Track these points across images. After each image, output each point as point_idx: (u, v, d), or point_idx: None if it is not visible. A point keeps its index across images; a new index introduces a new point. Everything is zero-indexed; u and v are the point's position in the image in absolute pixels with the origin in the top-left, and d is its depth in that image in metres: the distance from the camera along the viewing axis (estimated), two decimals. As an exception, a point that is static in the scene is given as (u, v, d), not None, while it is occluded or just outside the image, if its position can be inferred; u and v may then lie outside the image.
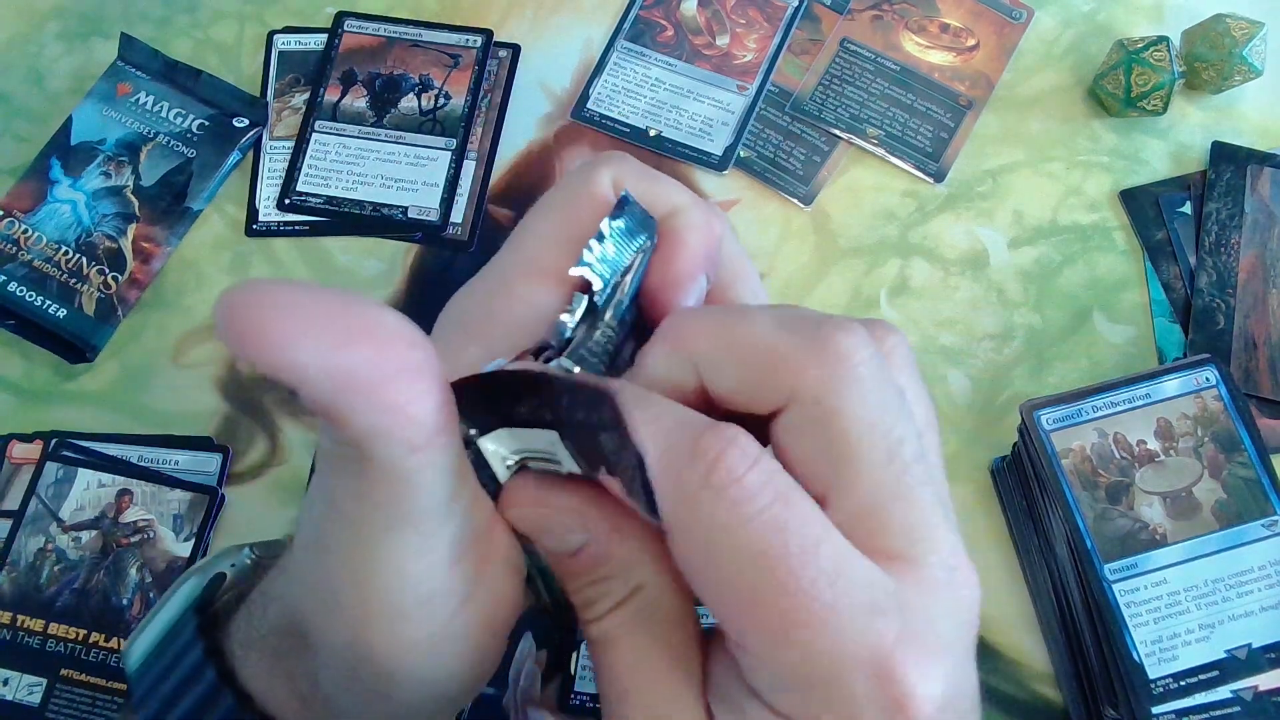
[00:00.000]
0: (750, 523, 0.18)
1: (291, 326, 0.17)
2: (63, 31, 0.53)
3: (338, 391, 0.17)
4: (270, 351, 0.17)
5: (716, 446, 0.19)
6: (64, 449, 0.44)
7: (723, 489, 0.19)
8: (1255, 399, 0.45)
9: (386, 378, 0.18)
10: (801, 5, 0.53)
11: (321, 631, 0.23)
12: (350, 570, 0.21)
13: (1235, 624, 0.40)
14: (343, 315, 0.18)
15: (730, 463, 0.19)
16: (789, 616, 0.18)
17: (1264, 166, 0.49)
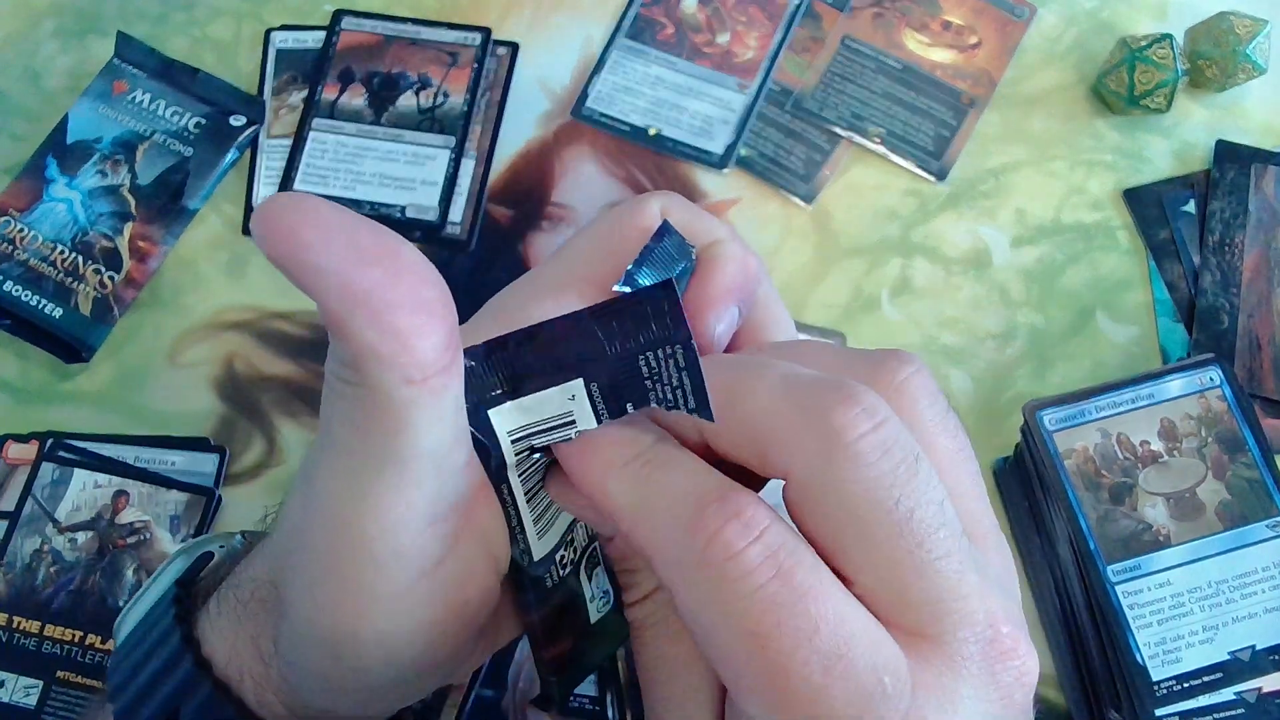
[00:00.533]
0: (744, 600, 0.18)
1: (321, 235, 0.18)
2: (59, 29, 0.53)
3: (348, 305, 0.18)
4: (296, 252, 0.19)
5: (718, 521, 0.19)
6: (60, 449, 0.44)
7: (718, 564, 0.18)
8: (1259, 399, 0.45)
9: (395, 304, 0.19)
10: (802, 3, 0.53)
11: (292, 572, 0.23)
12: (331, 504, 0.21)
13: (1239, 626, 0.40)
14: (370, 239, 0.19)
15: (728, 537, 0.18)
16: (777, 695, 0.18)
17: (1268, 165, 0.49)
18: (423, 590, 0.22)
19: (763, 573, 0.18)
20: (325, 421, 0.21)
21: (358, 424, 0.20)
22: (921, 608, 0.19)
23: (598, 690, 0.40)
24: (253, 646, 0.25)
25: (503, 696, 0.41)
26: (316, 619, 0.22)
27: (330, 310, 0.19)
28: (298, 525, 0.22)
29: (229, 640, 0.25)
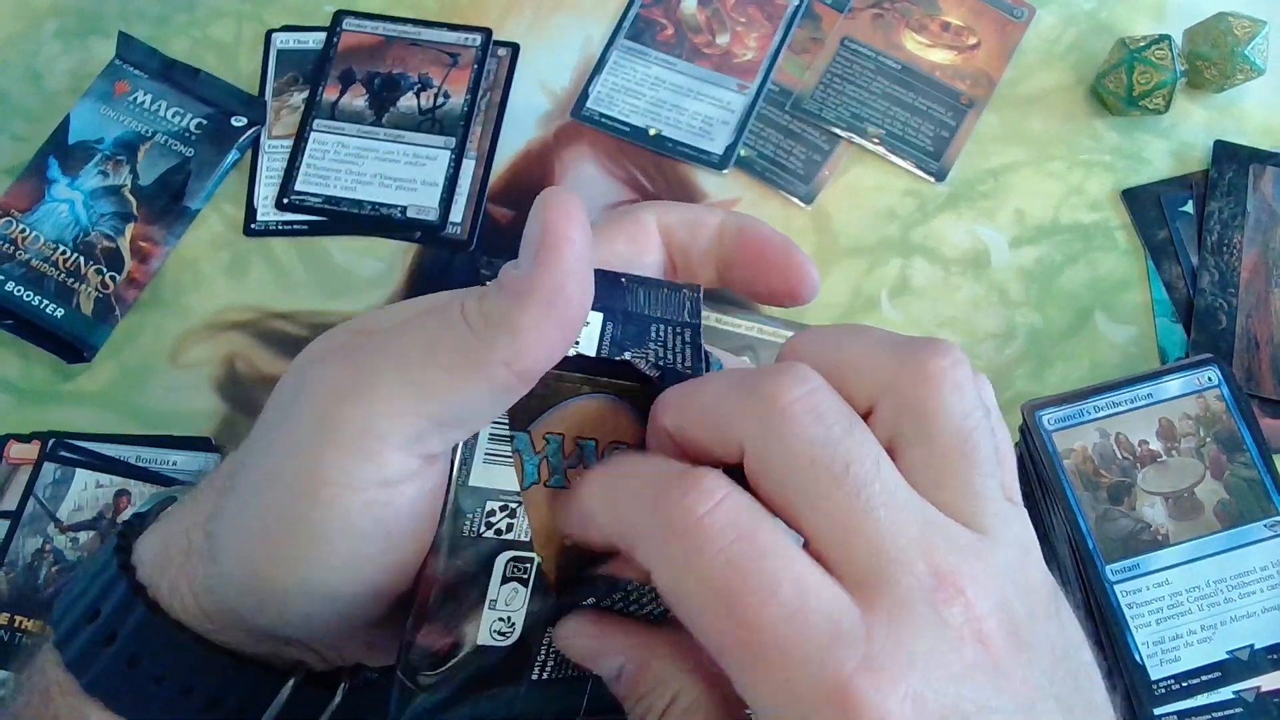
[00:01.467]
0: (709, 562, 0.20)
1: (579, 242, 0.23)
2: (60, 30, 0.53)
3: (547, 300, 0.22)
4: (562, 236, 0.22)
5: (679, 493, 0.20)
6: (61, 449, 0.44)
7: (684, 531, 0.20)
8: (1257, 399, 0.45)
9: (568, 320, 0.22)
10: (802, 4, 0.53)
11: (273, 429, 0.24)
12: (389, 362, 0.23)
13: (1237, 625, 0.40)
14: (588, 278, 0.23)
15: (689, 503, 0.20)
16: (751, 650, 0.20)
17: (1266, 165, 0.49)
18: (390, 498, 0.23)
19: (725, 535, 0.20)
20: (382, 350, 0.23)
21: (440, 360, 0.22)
22: (865, 559, 0.20)
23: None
24: (184, 538, 0.26)
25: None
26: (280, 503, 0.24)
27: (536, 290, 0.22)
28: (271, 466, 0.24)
29: (159, 539, 0.27)
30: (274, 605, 0.24)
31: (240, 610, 0.25)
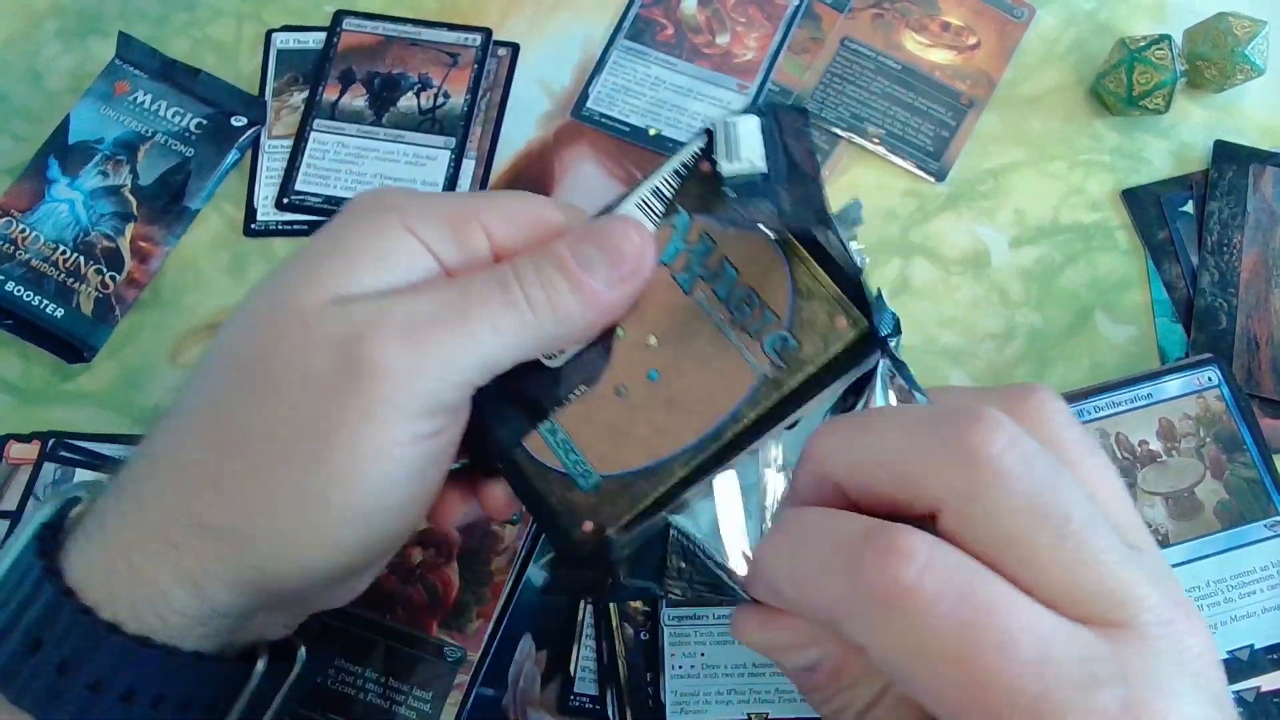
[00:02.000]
0: (936, 632, 0.18)
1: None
2: (60, 30, 0.53)
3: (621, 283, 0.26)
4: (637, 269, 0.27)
5: (877, 561, 0.19)
6: (61, 449, 0.44)
7: (898, 601, 0.19)
8: (1257, 399, 0.45)
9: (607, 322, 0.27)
10: (802, 4, 0.53)
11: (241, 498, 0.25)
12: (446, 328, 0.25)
13: (1237, 625, 0.40)
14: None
15: (895, 570, 0.19)
16: (1000, 709, 0.18)
17: (1266, 165, 0.49)
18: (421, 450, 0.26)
19: (946, 599, 0.18)
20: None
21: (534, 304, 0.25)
22: (1101, 600, 0.19)
23: (598, 689, 0.41)
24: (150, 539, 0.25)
25: (503, 696, 0.41)
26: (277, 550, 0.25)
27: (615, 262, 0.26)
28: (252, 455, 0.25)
29: (114, 550, 0.26)
30: (313, 569, 0.25)
31: (269, 585, 0.25)
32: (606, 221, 0.27)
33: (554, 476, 0.27)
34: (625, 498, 0.27)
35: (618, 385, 0.27)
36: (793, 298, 0.26)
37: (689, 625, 0.41)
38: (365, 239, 0.27)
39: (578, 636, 0.41)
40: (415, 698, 0.40)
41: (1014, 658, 0.18)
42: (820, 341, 0.26)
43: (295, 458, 0.24)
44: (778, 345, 0.26)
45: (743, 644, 0.24)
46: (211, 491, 0.25)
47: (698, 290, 0.27)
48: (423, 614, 0.41)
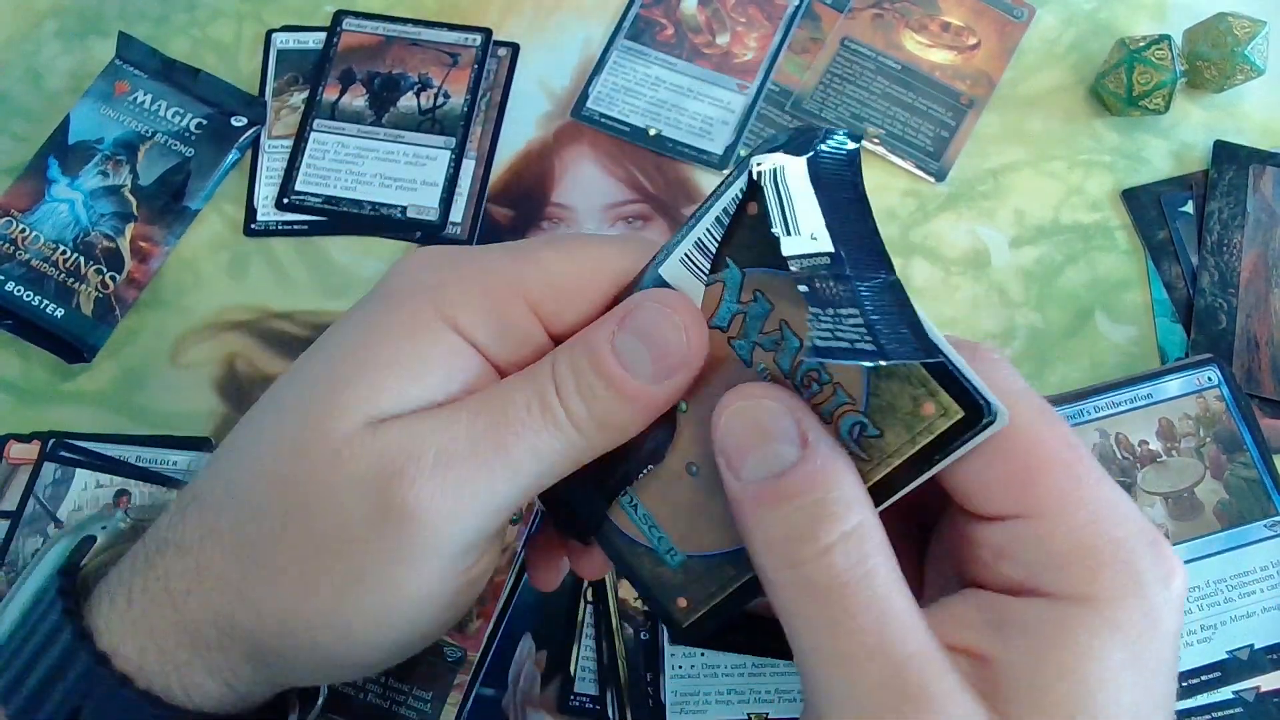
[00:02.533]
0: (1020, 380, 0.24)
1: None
2: (60, 30, 0.53)
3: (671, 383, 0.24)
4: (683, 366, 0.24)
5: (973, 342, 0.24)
6: (62, 449, 0.44)
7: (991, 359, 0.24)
8: (1257, 399, 0.45)
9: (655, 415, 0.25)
10: (802, 4, 0.53)
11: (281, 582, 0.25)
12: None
13: (1237, 625, 0.40)
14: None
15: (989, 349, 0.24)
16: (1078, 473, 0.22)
17: (1266, 165, 0.49)
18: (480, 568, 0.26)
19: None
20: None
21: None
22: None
23: (598, 689, 0.41)
24: (182, 633, 0.25)
25: (503, 696, 0.41)
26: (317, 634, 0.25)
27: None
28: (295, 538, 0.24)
29: (143, 629, 0.25)
30: (346, 674, 0.26)
31: (303, 683, 0.27)
32: (649, 306, 0.24)
33: (642, 551, 0.26)
34: (714, 579, 0.25)
35: (689, 463, 0.25)
36: (867, 376, 0.22)
37: (689, 625, 0.41)
38: (400, 341, 0.25)
39: (578, 636, 0.41)
40: (415, 698, 0.40)
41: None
42: (905, 432, 0.22)
43: (327, 592, 0.24)
44: (855, 432, 0.22)
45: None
46: (243, 608, 0.25)
47: (758, 359, 0.23)
48: (423, 614, 0.41)
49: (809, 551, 0.21)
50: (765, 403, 0.22)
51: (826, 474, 0.22)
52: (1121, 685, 0.21)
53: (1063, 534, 0.21)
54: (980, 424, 0.21)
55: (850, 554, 0.21)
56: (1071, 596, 0.21)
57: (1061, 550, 0.21)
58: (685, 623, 0.26)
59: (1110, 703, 0.20)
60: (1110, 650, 0.21)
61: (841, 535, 0.21)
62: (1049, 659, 0.21)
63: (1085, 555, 0.21)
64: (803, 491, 0.22)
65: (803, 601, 0.21)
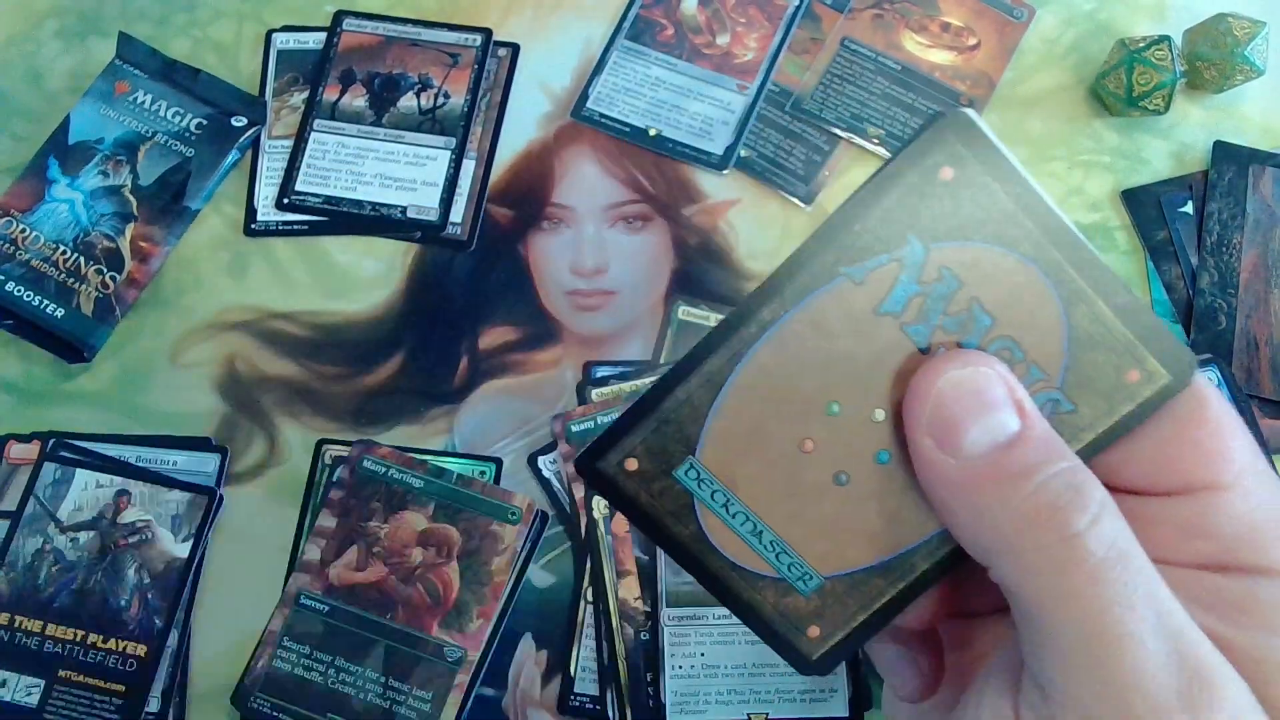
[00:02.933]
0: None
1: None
2: (61, 30, 0.53)
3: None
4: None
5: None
6: (62, 449, 0.44)
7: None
8: (1257, 399, 0.45)
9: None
10: (802, 4, 0.53)
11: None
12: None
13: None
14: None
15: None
16: (1252, 442, 0.21)
17: (1266, 166, 0.49)
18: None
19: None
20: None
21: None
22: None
23: (598, 689, 0.41)
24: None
25: (503, 696, 0.41)
26: None
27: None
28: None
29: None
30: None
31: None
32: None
33: (766, 584, 0.23)
34: (857, 597, 0.23)
35: (837, 473, 0.22)
36: (1068, 348, 0.21)
37: (689, 625, 0.41)
38: None
39: (578, 636, 0.41)
40: (415, 698, 0.40)
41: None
42: (1103, 403, 0.21)
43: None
44: (1048, 410, 0.21)
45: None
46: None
47: (938, 342, 0.21)
48: (423, 614, 0.41)
49: (1075, 526, 0.19)
50: (978, 369, 0.20)
51: (1057, 443, 0.20)
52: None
53: (1257, 505, 0.20)
54: (1182, 388, 0.21)
55: (1109, 529, 0.19)
56: (1275, 571, 0.20)
57: (1258, 521, 0.20)
58: (816, 654, 0.24)
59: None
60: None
61: (1099, 507, 0.20)
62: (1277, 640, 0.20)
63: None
64: (1043, 462, 0.20)
65: (1067, 583, 0.19)
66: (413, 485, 0.43)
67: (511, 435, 0.45)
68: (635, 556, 0.42)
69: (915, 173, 0.20)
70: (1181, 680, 0.19)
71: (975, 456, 0.20)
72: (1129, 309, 0.20)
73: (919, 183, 0.20)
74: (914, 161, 0.20)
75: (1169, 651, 0.19)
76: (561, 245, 0.48)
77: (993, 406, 0.20)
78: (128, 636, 0.41)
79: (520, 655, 0.41)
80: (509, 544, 0.42)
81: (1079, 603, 0.19)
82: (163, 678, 0.41)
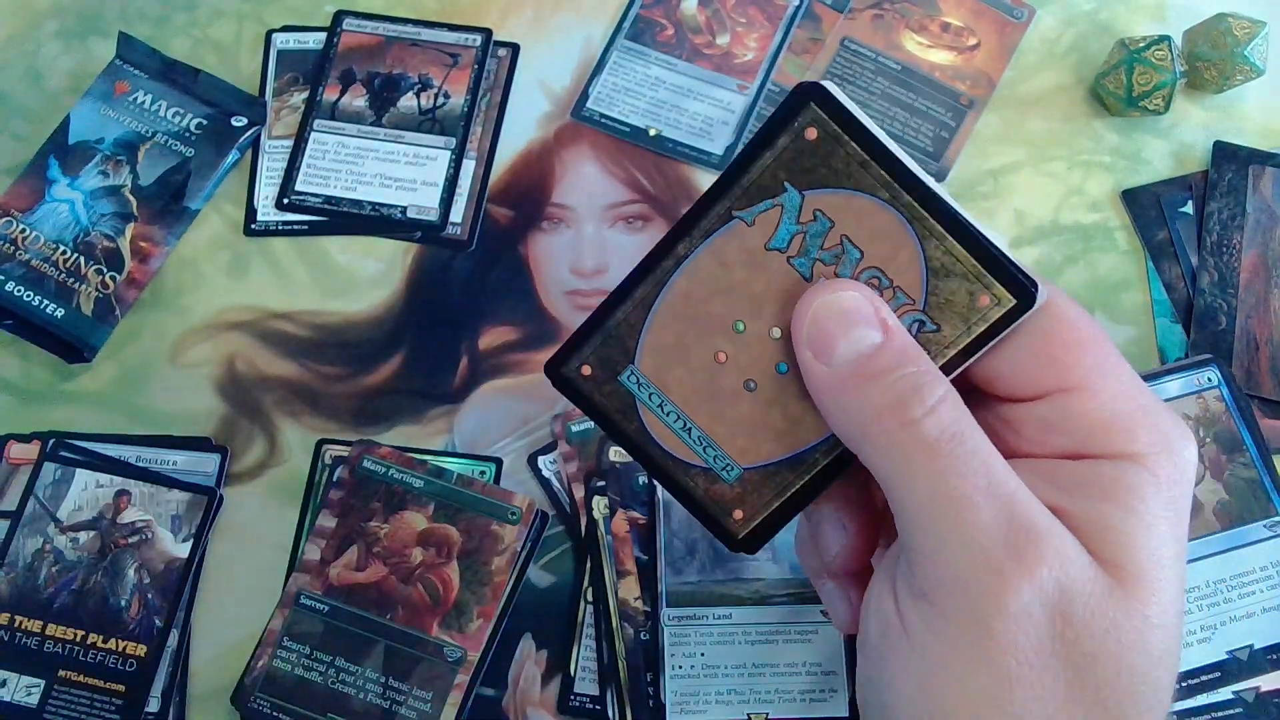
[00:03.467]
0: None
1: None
2: (61, 30, 0.53)
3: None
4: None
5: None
6: (62, 449, 0.44)
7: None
8: (1257, 399, 0.45)
9: None
10: (802, 4, 0.53)
11: None
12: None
13: (1237, 625, 0.40)
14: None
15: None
16: (1107, 349, 0.26)
17: (1266, 166, 0.49)
18: None
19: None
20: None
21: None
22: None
23: (598, 689, 0.41)
24: None
25: (503, 696, 0.41)
26: None
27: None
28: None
29: None
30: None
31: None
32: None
33: (697, 472, 0.28)
34: (771, 486, 0.28)
35: (746, 380, 0.27)
36: (926, 276, 0.25)
37: (689, 625, 0.41)
38: None
39: (578, 636, 0.41)
40: (415, 698, 0.40)
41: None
42: (961, 323, 0.25)
43: None
44: (915, 329, 0.25)
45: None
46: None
47: (819, 273, 0.26)
48: (423, 614, 0.41)
49: (913, 414, 0.24)
50: (846, 293, 0.25)
51: (912, 350, 0.25)
52: (1162, 529, 0.24)
53: (1103, 403, 0.25)
54: (1029, 309, 0.24)
55: (947, 414, 0.24)
56: (1119, 456, 0.24)
57: (1104, 417, 0.25)
58: (741, 534, 0.28)
59: (1159, 544, 0.24)
60: (1153, 499, 0.24)
61: (939, 398, 0.24)
62: (1110, 508, 0.24)
63: (1124, 420, 0.25)
64: (896, 366, 0.24)
65: (910, 460, 0.24)
66: (413, 485, 0.43)
67: (511, 435, 0.45)
68: (635, 556, 0.42)
69: (787, 134, 0.25)
70: (1009, 533, 0.23)
71: (842, 364, 0.25)
72: (976, 244, 0.24)
73: (790, 142, 0.25)
74: (785, 125, 0.25)
75: (998, 510, 0.23)
76: (561, 245, 0.48)
77: (857, 323, 0.25)
78: (128, 636, 0.41)
79: (520, 655, 0.41)
80: (509, 544, 0.42)
81: (920, 475, 0.24)
82: (163, 678, 0.41)
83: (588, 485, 0.43)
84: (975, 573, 0.23)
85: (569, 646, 0.41)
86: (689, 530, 0.42)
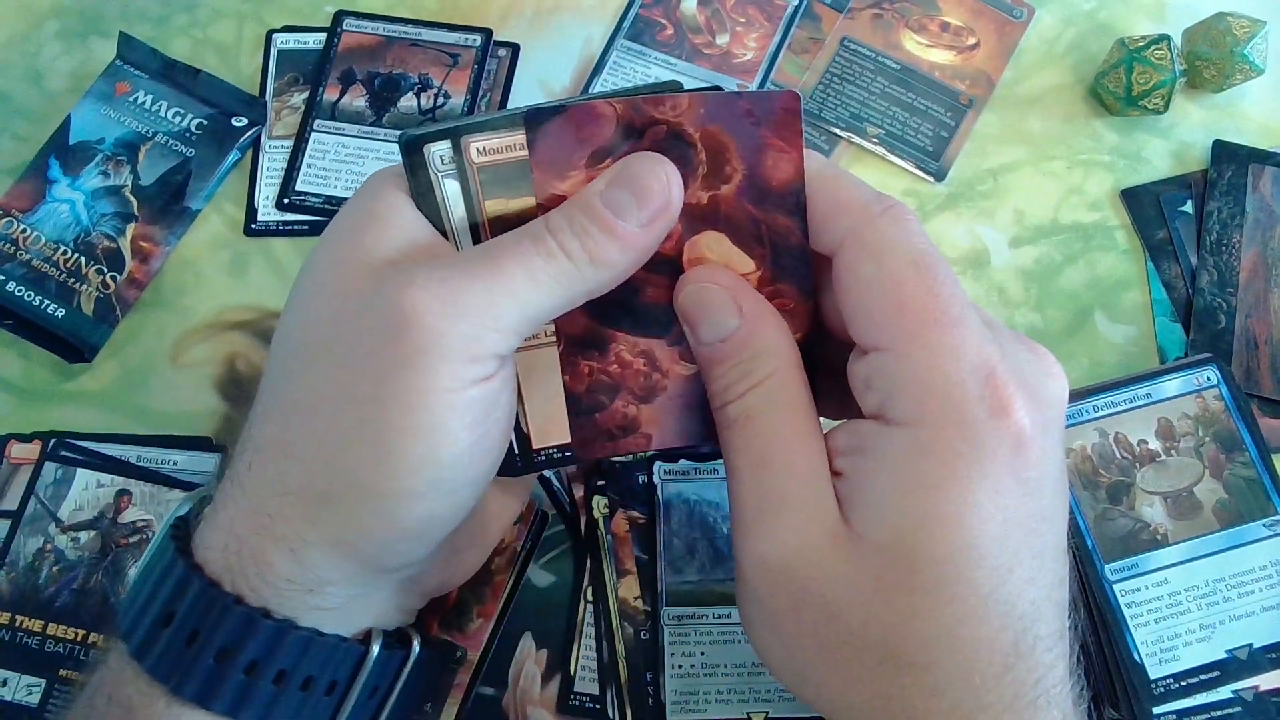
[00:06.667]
0: (915, 236, 0.26)
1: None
2: (61, 30, 0.53)
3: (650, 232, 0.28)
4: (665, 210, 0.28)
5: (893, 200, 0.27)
6: (62, 449, 0.44)
7: (897, 218, 0.26)
8: (1256, 398, 0.45)
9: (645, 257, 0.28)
10: (801, 4, 0.53)
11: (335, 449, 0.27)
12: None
13: (1236, 624, 0.40)
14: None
15: (903, 209, 0.27)
16: (931, 316, 0.25)
17: (1265, 165, 0.49)
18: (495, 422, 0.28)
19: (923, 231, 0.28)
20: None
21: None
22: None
23: (598, 689, 0.41)
24: (250, 516, 0.27)
25: (503, 696, 0.41)
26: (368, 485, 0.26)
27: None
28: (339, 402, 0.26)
29: (224, 529, 0.28)
30: (394, 520, 0.26)
31: (359, 544, 0.27)
32: (638, 158, 0.27)
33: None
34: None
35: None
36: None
37: (689, 625, 0.41)
38: (388, 210, 0.29)
39: (578, 636, 0.41)
40: (415, 697, 0.40)
41: (955, 283, 0.26)
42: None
43: (354, 415, 0.26)
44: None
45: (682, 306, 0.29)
46: (291, 462, 0.27)
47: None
48: (422, 613, 0.41)
49: (735, 393, 0.28)
50: (708, 286, 0.28)
51: (752, 338, 0.28)
52: (934, 499, 0.24)
53: (905, 366, 0.25)
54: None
55: (760, 396, 0.27)
56: (901, 423, 0.25)
57: (902, 381, 0.25)
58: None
59: (922, 514, 0.24)
60: (928, 469, 0.24)
61: (756, 383, 0.27)
62: (875, 475, 0.25)
63: (917, 386, 0.25)
64: (735, 352, 0.28)
65: (727, 432, 0.28)
66: (413, 485, 0.43)
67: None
68: (635, 556, 0.42)
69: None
70: (765, 503, 0.27)
71: (705, 344, 0.28)
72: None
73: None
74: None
75: (765, 483, 0.27)
76: (561, 245, 0.48)
77: (713, 311, 0.28)
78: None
79: (520, 655, 0.41)
80: (509, 544, 0.42)
81: (728, 449, 0.28)
82: (163, 677, 0.41)
83: (588, 485, 0.43)
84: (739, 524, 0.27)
85: (569, 646, 0.41)
86: (689, 530, 0.42)
